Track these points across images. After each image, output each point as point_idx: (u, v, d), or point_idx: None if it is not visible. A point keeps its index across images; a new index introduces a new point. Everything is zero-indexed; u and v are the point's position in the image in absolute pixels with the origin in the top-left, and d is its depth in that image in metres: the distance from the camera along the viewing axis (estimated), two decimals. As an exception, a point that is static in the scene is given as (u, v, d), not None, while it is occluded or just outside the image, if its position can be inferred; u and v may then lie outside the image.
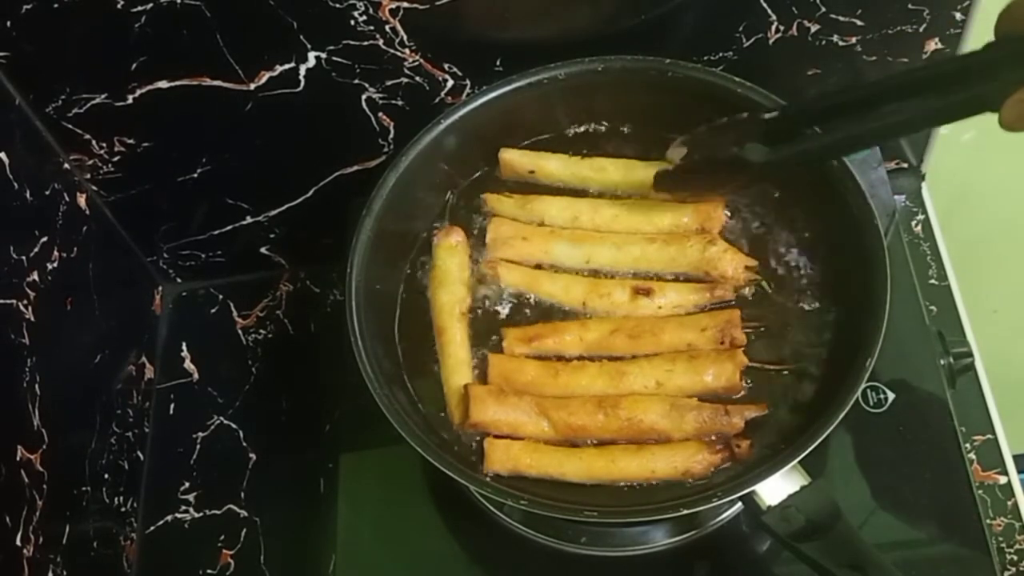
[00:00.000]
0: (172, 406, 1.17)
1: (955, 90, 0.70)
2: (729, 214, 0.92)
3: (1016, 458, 1.03)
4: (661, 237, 0.91)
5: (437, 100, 1.02)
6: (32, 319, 0.93)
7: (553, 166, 0.96)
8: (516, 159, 0.97)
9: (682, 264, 0.90)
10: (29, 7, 0.87)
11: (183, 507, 1.10)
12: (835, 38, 1.00)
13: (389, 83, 0.99)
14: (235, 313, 1.22)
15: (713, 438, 0.81)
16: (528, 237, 0.93)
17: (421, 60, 0.97)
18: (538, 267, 0.93)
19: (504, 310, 0.91)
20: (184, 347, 1.20)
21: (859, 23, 0.98)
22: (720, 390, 0.83)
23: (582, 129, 1.00)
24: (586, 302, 0.89)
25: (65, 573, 0.93)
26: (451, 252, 0.93)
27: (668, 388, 0.84)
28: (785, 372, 0.84)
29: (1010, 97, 0.65)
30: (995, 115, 0.67)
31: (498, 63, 0.98)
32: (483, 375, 0.87)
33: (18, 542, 0.87)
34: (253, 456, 1.12)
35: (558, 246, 0.92)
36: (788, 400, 0.83)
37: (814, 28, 0.98)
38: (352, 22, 0.92)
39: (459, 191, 0.98)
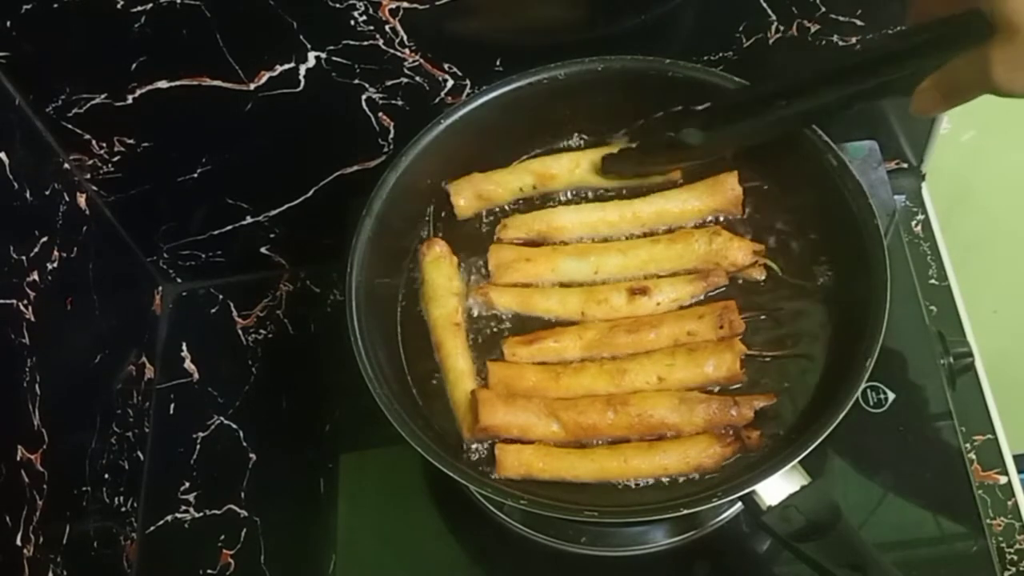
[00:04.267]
0: (172, 406, 1.17)
1: (874, 76, 0.75)
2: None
3: (1016, 458, 1.03)
4: (665, 236, 0.91)
5: (437, 100, 1.02)
6: (32, 319, 0.93)
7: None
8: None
9: (691, 259, 0.89)
10: (29, 7, 0.87)
11: (183, 507, 1.10)
12: (835, 38, 1.00)
13: (389, 83, 0.99)
14: (235, 313, 1.22)
15: (723, 431, 0.81)
16: (532, 258, 0.92)
17: (421, 60, 0.97)
18: (553, 286, 0.92)
19: (505, 324, 0.91)
20: (184, 347, 1.20)
21: (859, 23, 0.98)
22: (721, 380, 0.84)
23: (581, 131, 1.00)
24: (584, 311, 0.89)
25: (65, 573, 0.93)
26: (436, 265, 0.92)
27: (670, 382, 0.84)
28: (784, 358, 0.84)
29: (918, 87, 0.70)
30: (994, 114, 0.68)
31: (498, 63, 0.98)
32: (487, 383, 0.86)
33: (18, 542, 0.87)
34: (253, 456, 1.12)
35: (565, 261, 0.91)
36: (790, 388, 0.83)
37: (814, 28, 0.98)
38: (352, 22, 0.92)
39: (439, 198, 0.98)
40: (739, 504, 0.78)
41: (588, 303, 0.89)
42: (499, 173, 0.97)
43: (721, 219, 0.92)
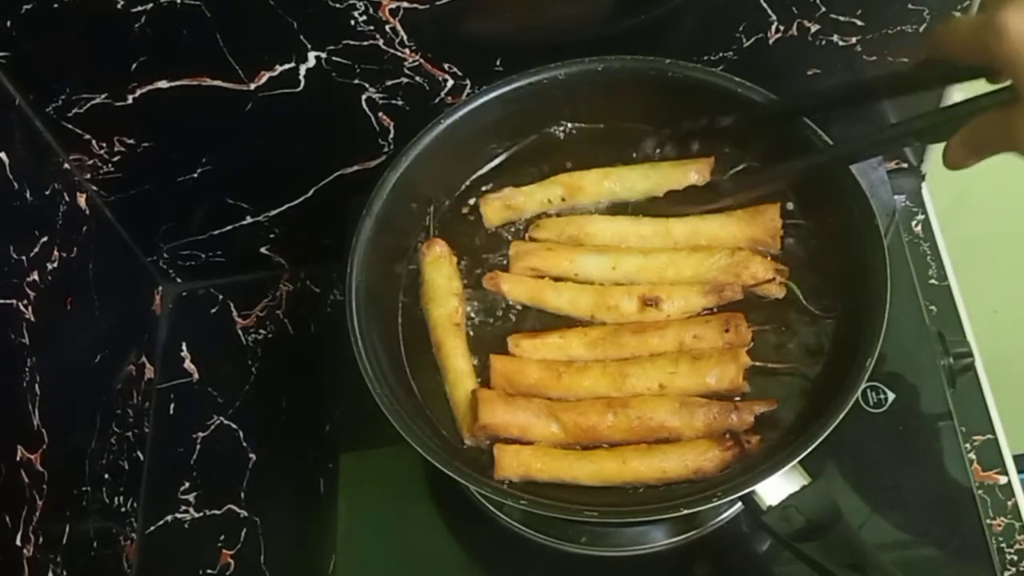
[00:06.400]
0: (172, 406, 1.17)
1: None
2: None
3: (1016, 458, 1.03)
4: (688, 244, 0.91)
5: (437, 100, 1.02)
6: (32, 319, 0.93)
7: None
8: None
9: (711, 269, 0.89)
10: (29, 7, 0.87)
11: (183, 507, 1.10)
12: (835, 38, 1.00)
13: (389, 83, 0.99)
14: (235, 313, 1.22)
15: (723, 435, 0.81)
16: (553, 248, 0.92)
17: (421, 60, 0.97)
18: (571, 280, 0.92)
19: (509, 321, 0.91)
20: (184, 347, 1.20)
21: (859, 23, 0.98)
22: (723, 391, 0.83)
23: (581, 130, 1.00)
24: (594, 314, 0.89)
25: (65, 573, 0.93)
26: (437, 265, 0.92)
27: (671, 390, 0.83)
28: (786, 370, 0.84)
29: (948, 142, 0.71)
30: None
31: (498, 63, 0.98)
32: (486, 383, 0.86)
33: (18, 542, 0.87)
34: (253, 456, 1.12)
35: (584, 256, 0.91)
36: (791, 392, 0.83)
37: (814, 28, 0.98)
38: (352, 22, 0.92)
39: (448, 198, 0.98)
40: (739, 504, 0.78)
41: (599, 307, 0.89)
42: (529, 187, 0.96)
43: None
